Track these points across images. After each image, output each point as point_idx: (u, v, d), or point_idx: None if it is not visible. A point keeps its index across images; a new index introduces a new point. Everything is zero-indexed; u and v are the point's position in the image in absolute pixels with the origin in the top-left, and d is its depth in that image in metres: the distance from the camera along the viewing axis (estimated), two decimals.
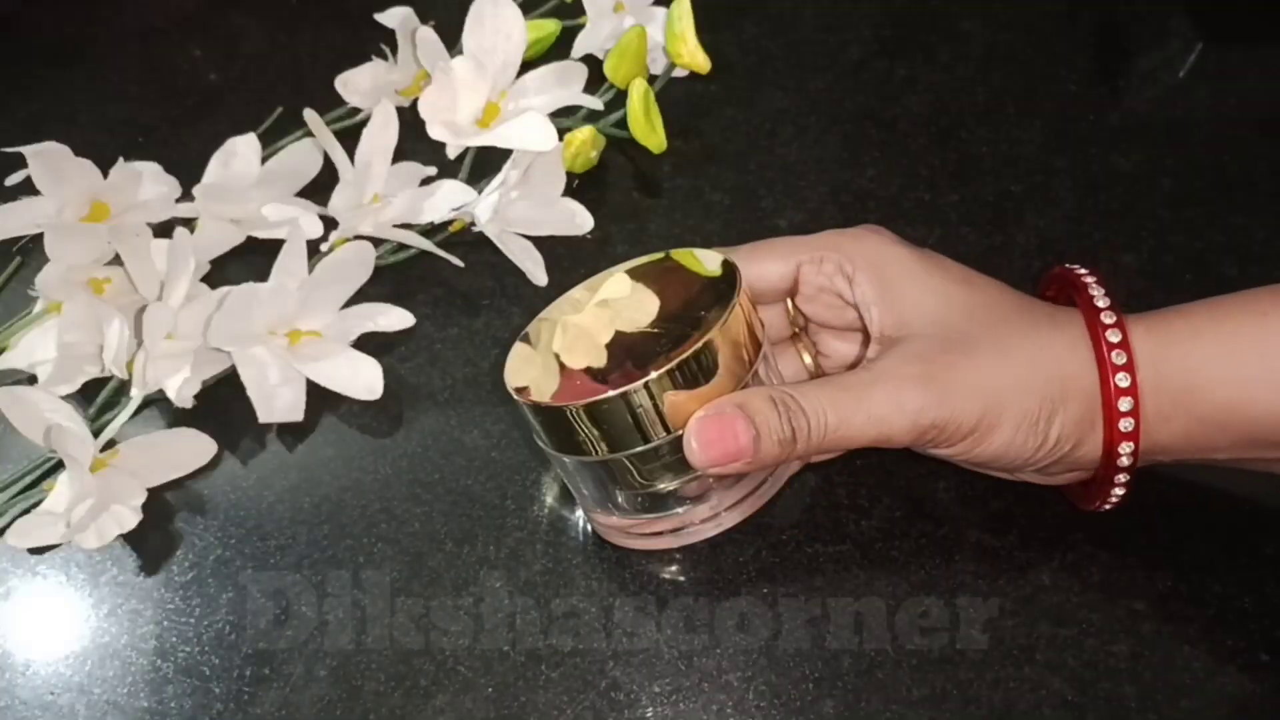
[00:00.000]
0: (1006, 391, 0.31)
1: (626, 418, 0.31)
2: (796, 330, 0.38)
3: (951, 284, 0.34)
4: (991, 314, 0.33)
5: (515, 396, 0.32)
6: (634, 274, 0.35)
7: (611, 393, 0.30)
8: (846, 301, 0.35)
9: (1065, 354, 0.32)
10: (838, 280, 0.35)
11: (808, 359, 0.38)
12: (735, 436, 0.31)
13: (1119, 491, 0.33)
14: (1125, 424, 0.31)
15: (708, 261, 0.34)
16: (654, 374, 0.30)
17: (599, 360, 0.32)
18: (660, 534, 0.34)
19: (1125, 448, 0.32)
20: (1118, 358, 0.31)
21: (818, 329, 0.38)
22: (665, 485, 0.33)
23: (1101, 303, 0.32)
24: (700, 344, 0.30)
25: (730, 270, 0.33)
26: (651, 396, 0.30)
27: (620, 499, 0.33)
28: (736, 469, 0.31)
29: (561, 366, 0.32)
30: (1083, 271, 0.34)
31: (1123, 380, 0.31)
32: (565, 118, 0.48)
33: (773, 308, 0.37)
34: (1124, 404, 0.31)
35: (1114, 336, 0.31)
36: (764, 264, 0.35)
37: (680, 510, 0.33)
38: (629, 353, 0.32)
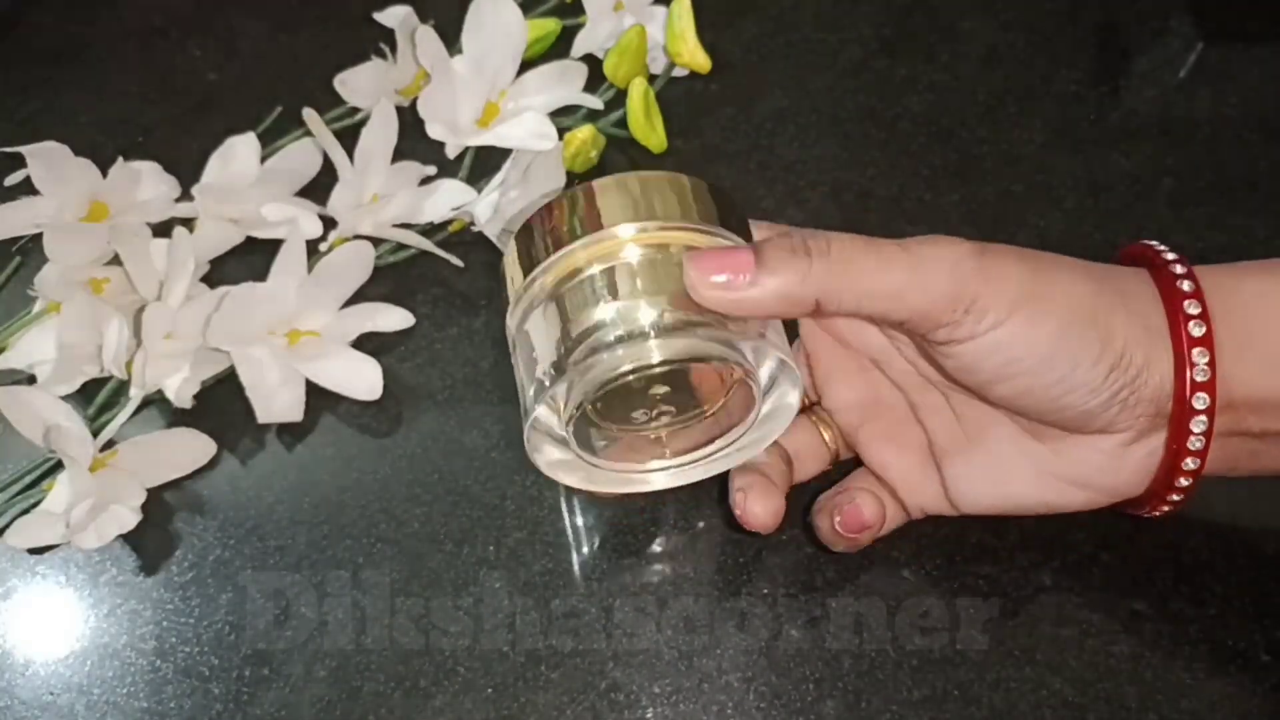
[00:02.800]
0: (1059, 275, 0.30)
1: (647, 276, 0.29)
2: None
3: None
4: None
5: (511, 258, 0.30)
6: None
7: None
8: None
9: (1124, 290, 0.30)
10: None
11: (827, 435, 0.36)
12: (734, 253, 0.28)
13: (1190, 466, 0.30)
14: (1199, 356, 0.29)
15: None
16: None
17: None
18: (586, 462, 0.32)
19: (1200, 399, 0.29)
20: (1191, 307, 0.30)
21: (821, 376, 0.36)
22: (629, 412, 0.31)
23: (1169, 255, 0.31)
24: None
25: None
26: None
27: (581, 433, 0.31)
28: (746, 297, 0.28)
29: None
30: (1161, 248, 0.32)
31: (1192, 308, 0.30)
32: (565, 117, 0.48)
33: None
34: (1195, 329, 0.29)
35: (1186, 285, 0.30)
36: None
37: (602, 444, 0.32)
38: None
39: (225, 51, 0.54)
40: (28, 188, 0.41)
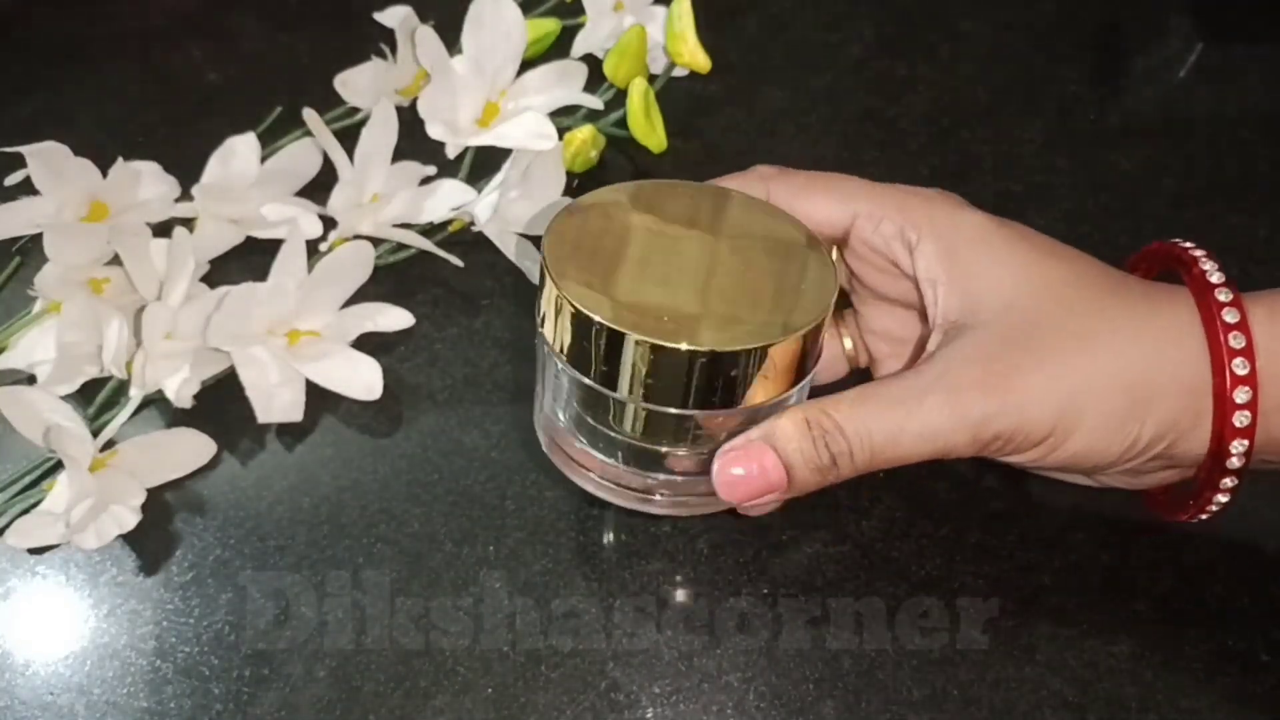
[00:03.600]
0: (1086, 390, 0.28)
1: (676, 375, 0.27)
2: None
3: (1033, 257, 0.30)
4: (1076, 294, 0.29)
5: (550, 278, 0.28)
6: (726, 206, 0.32)
7: (675, 345, 0.26)
8: (903, 272, 0.31)
9: (1163, 340, 0.28)
10: (896, 246, 0.31)
11: (849, 343, 0.35)
12: (765, 472, 0.28)
13: (1222, 499, 0.30)
14: (1240, 418, 0.27)
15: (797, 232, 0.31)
16: (721, 346, 0.26)
17: (659, 286, 0.28)
18: (607, 483, 0.33)
19: (1239, 445, 0.28)
20: (1235, 340, 0.27)
21: (863, 297, 0.34)
22: (658, 447, 0.31)
23: (1215, 278, 0.28)
24: (776, 343, 0.27)
25: (829, 269, 0.30)
26: (713, 367, 0.27)
27: (601, 439, 0.32)
28: (774, 501, 0.29)
29: (613, 268, 0.28)
30: (1189, 245, 0.30)
31: (1240, 367, 0.27)
32: (565, 117, 0.48)
33: None
34: (1240, 394, 0.27)
35: (1230, 316, 0.27)
36: (816, 203, 0.32)
37: (650, 478, 0.32)
38: (694, 296, 0.28)
39: (225, 51, 0.54)
40: (28, 188, 0.41)
